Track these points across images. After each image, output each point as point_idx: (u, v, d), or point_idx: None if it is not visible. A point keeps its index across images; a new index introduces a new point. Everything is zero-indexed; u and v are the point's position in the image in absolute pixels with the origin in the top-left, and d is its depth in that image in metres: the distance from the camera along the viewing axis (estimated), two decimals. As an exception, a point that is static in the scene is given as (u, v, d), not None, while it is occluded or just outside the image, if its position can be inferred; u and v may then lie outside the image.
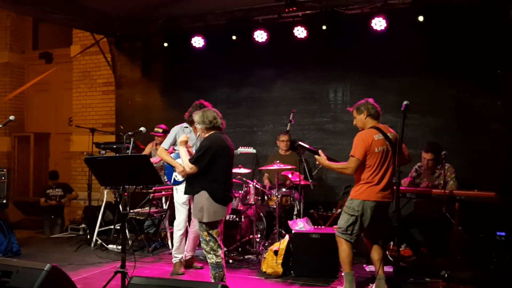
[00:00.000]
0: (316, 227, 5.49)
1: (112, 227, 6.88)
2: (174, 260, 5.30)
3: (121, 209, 5.62)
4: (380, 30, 6.33)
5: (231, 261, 5.64)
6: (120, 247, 4.61)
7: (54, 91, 10.07)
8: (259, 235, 6.09)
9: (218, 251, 4.24)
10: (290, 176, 6.09)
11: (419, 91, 6.51)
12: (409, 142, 5.64)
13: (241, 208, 6.08)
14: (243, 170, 6.15)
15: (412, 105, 4.07)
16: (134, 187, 5.80)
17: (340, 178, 6.77)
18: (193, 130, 5.24)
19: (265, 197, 6.11)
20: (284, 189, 6.09)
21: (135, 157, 4.38)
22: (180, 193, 5.15)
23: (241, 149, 6.49)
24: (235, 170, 5.78)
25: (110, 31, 8.08)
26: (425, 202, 5.37)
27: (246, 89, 7.73)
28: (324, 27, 6.53)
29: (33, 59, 9.98)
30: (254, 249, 5.91)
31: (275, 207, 5.84)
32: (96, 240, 6.69)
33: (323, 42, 6.91)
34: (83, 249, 6.58)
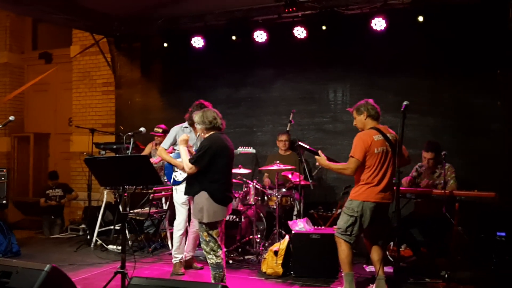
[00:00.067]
0: (316, 228, 5.48)
1: (112, 228, 6.87)
2: (174, 261, 5.29)
3: (121, 210, 5.63)
4: (380, 30, 6.34)
5: (231, 262, 5.63)
6: (120, 248, 4.60)
7: (54, 91, 10.06)
8: (259, 236, 6.09)
9: (218, 252, 4.24)
10: (290, 177, 6.09)
11: (419, 91, 6.51)
12: (409, 142, 5.63)
13: (241, 209, 6.08)
14: (243, 171, 6.15)
15: (412, 105, 4.06)
16: (134, 188, 5.80)
17: (340, 179, 6.77)
18: (193, 130, 5.24)
19: (265, 198, 6.10)
20: (284, 189, 6.09)
21: (135, 158, 4.38)
22: (180, 194, 5.15)
23: (241, 149, 6.49)
24: (235, 171, 5.78)
25: (110, 31, 8.07)
26: (425, 202, 5.38)
27: (246, 89, 7.73)
28: (324, 27, 6.53)
29: (33, 59, 9.98)
30: (254, 250, 5.91)
31: (275, 208, 5.84)
32: (96, 241, 6.69)
33: (323, 42, 6.91)
34: (83, 250, 6.58)
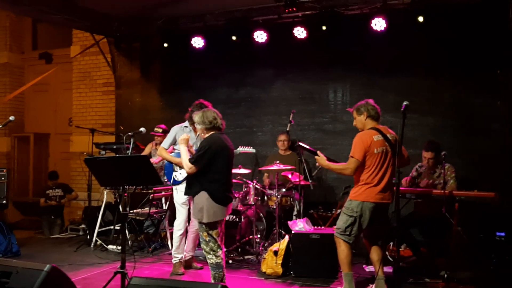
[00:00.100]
0: (316, 228, 5.47)
1: (112, 228, 6.87)
2: (174, 261, 5.29)
3: (121, 210, 5.62)
4: (380, 31, 6.33)
5: (231, 262, 5.63)
6: (120, 248, 4.60)
7: (54, 92, 10.06)
8: (259, 236, 6.09)
9: (218, 252, 4.24)
10: (290, 177, 6.09)
11: (419, 91, 6.51)
12: (409, 142, 5.64)
13: (241, 209, 6.08)
14: (243, 171, 6.15)
15: (412, 105, 4.07)
16: (134, 188, 5.80)
17: (340, 179, 6.77)
18: (193, 130, 5.24)
19: (265, 198, 6.10)
20: (284, 190, 6.09)
21: (135, 158, 4.38)
22: (180, 194, 5.14)
23: (241, 149, 6.48)
24: (235, 171, 5.77)
25: (110, 32, 8.07)
26: (425, 202, 5.38)
27: (246, 90, 7.73)
28: (324, 28, 6.52)
29: (33, 60, 9.97)
30: (254, 250, 5.90)
31: (275, 208, 5.84)
32: (96, 241, 6.69)
33: (323, 43, 6.91)
34: (83, 250, 6.58)
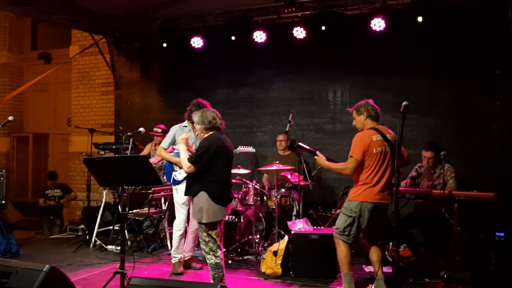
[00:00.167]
0: (315, 228, 5.47)
1: (111, 228, 6.86)
2: (173, 260, 5.29)
3: (120, 210, 5.62)
4: (379, 31, 6.34)
5: (230, 262, 5.63)
6: (119, 248, 4.60)
7: (53, 92, 10.05)
8: (258, 236, 6.08)
9: (218, 252, 4.24)
10: (289, 177, 6.09)
11: (419, 91, 6.51)
12: (408, 143, 5.64)
13: (240, 209, 6.08)
14: (242, 171, 6.14)
15: (411, 105, 4.07)
16: (133, 188, 5.79)
17: (339, 179, 6.78)
18: (192, 130, 5.23)
19: (264, 198, 6.10)
20: (283, 190, 6.08)
21: (134, 158, 4.37)
22: (180, 194, 5.13)
23: (241, 148, 6.48)
24: (235, 171, 5.77)
25: (109, 32, 8.07)
26: (425, 203, 5.38)
27: (245, 90, 7.73)
28: (323, 28, 6.53)
29: (32, 60, 9.97)
30: (253, 250, 5.90)
31: (274, 208, 5.84)
32: (95, 241, 6.69)
33: (322, 43, 6.91)
34: (82, 250, 6.57)
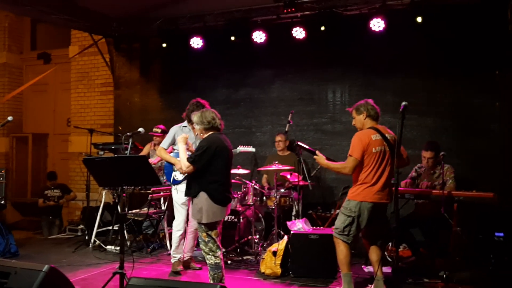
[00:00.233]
0: (315, 228, 5.47)
1: (111, 228, 6.86)
2: (173, 260, 5.29)
3: (120, 210, 5.61)
4: (379, 31, 6.34)
5: (230, 262, 5.63)
6: (119, 248, 4.60)
7: (53, 92, 10.05)
8: (258, 236, 6.08)
9: (217, 252, 4.24)
10: (289, 177, 6.08)
11: (418, 92, 6.52)
12: (408, 143, 5.64)
13: (240, 209, 6.07)
14: (242, 171, 6.14)
15: (411, 106, 4.06)
16: (133, 188, 5.79)
17: (339, 179, 6.78)
18: (192, 130, 5.23)
19: (264, 198, 6.10)
20: (283, 190, 6.08)
21: (134, 158, 4.37)
22: (180, 194, 5.12)
23: (240, 148, 6.47)
24: (234, 171, 5.77)
25: (109, 32, 8.07)
26: (424, 203, 5.38)
27: (245, 90, 7.73)
28: (323, 28, 6.53)
29: (31, 60, 9.96)
30: (253, 250, 5.90)
31: (274, 208, 5.84)
32: (95, 241, 6.68)
33: (322, 43, 6.92)
34: (81, 250, 6.56)
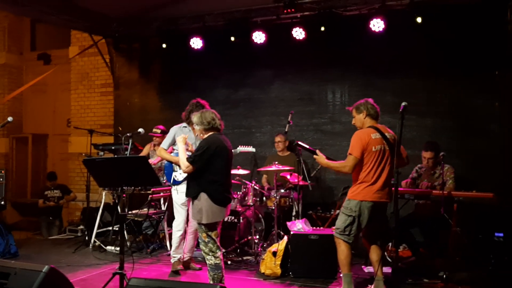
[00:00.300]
0: (315, 228, 5.47)
1: (110, 229, 6.86)
2: (173, 260, 5.28)
3: (120, 210, 5.61)
4: (378, 31, 6.34)
5: (230, 263, 5.63)
6: (119, 249, 4.60)
7: (52, 92, 10.05)
8: (258, 236, 6.08)
9: (217, 253, 4.24)
10: (289, 177, 6.09)
11: (418, 92, 6.52)
12: (407, 143, 5.63)
13: (240, 209, 6.07)
14: (242, 171, 6.14)
15: (411, 106, 4.06)
16: (133, 189, 5.79)
17: (339, 179, 6.78)
18: (192, 130, 5.23)
19: (264, 198, 6.10)
20: (283, 190, 6.08)
21: (133, 158, 4.37)
22: (181, 194, 5.12)
23: (240, 148, 6.46)
24: (234, 171, 5.77)
25: (108, 32, 8.07)
26: (424, 203, 5.38)
27: (245, 90, 7.73)
28: (323, 28, 6.54)
29: (31, 60, 9.97)
30: (253, 250, 5.90)
31: (274, 208, 5.84)
32: (94, 242, 6.68)
33: (321, 43, 6.92)
34: (81, 251, 6.56)
